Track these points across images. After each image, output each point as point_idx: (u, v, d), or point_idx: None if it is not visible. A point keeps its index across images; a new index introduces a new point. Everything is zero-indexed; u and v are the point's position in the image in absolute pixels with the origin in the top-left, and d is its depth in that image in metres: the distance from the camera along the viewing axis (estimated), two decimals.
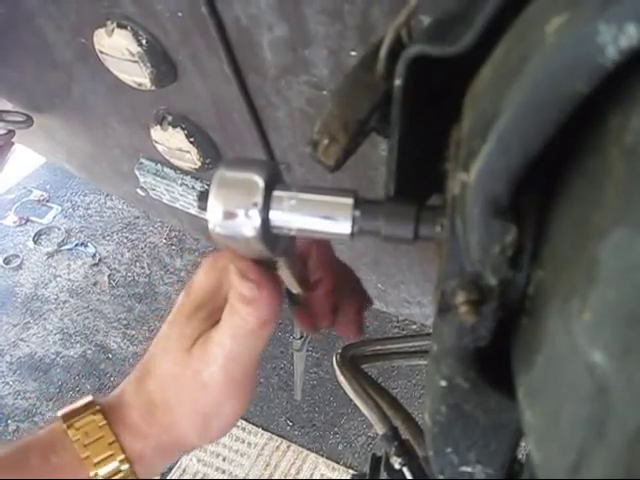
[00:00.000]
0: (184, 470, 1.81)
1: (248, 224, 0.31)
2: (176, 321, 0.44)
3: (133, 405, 0.45)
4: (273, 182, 0.32)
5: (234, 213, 0.31)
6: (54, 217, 2.79)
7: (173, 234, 2.59)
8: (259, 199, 0.31)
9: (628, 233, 0.18)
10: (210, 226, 0.32)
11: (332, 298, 0.47)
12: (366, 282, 0.50)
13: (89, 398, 0.45)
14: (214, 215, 0.32)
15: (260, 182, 0.31)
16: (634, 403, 0.16)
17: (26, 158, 2.81)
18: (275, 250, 0.34)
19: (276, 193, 0.32)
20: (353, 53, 0.63)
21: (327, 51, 0.66)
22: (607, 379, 0.17)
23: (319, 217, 0.31)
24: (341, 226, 0.31)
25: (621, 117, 0.19)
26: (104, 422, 0.44)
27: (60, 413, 0.45)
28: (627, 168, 0.19)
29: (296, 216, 0.31)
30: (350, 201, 0.31)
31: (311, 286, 0.47)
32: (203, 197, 0.32)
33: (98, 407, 0.44)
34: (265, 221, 0.31)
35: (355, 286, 0.51)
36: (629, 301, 0.17)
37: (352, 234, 0.31)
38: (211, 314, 0.42)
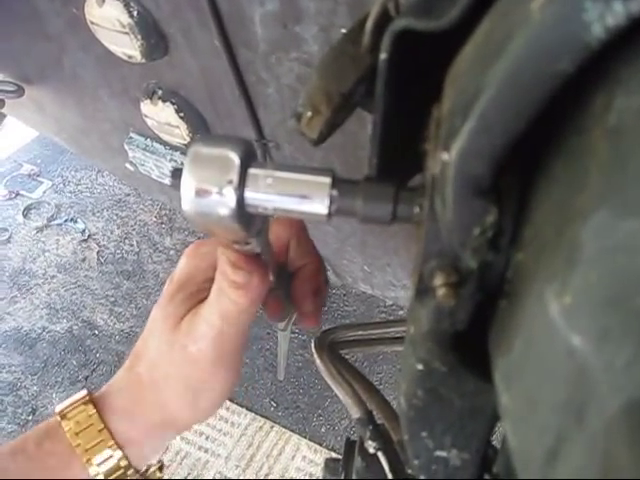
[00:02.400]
0: (167, 448, 1.81)
1: (222, 202, 0.30)
2: (160, 303, 0.45)
3: (123, 389, 0.47)
4: (249, 159, 0.31)
5: (208, 191, 0.29)
6: (44, 192, 2.77)
7: (163, 212, 2.57)
8: (234, 177, 0.29)
9: (610, 215, 0.17)
10: (183, 204, 0.30)
11: (315, 282, 0.47)
12: (352, 264, 0.49)
13: (84, 391, 0.47)
14: (187, 193, 0.30)
15: (236, 159, 0.30)
16: (613, 386, 0.16)
17: (18, 132, 2.80)
18: (250, 230, 0.33)
19: (252, 171, 0.30)
20: (343, 30, 0.62)
21: (317, 27, 0.65)
22: (587, 362, 0.17)
23: (296, 196, 0.30)
24: (318, 205, 0.30)
25: (605, 97, 0.19)
26: (94, 411, 0.46)
27: (57, 407, 0.47)
28: (610, 149, 0.18)
29: (272, 195, 0.30)
30: (328, 180, 0.30)
31: (289, 273, 0.47)
32: (177, 174, 0.30)
33: (88, 397, 0.46)
34: (240, 199, 0.30)
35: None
36: (610, 284, 0.17)
37: (329, 214, 0.30)
38: (192, 295, 0.44)
